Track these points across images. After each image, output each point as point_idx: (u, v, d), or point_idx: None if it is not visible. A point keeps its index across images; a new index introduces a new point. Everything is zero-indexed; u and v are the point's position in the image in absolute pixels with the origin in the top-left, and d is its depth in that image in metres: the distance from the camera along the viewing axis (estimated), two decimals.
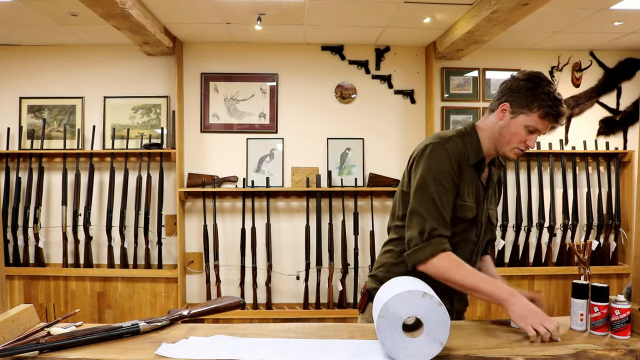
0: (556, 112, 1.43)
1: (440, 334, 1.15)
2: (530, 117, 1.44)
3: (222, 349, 1.23)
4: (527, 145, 1.48)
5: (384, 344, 1.17)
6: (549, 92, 1.43)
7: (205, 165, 3.86)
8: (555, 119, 1.45)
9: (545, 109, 1.42)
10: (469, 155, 1.50)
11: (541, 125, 1.45)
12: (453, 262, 1.41)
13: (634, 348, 1.24)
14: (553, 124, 1.47)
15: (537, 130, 1.46)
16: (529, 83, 1.46)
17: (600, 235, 3.90)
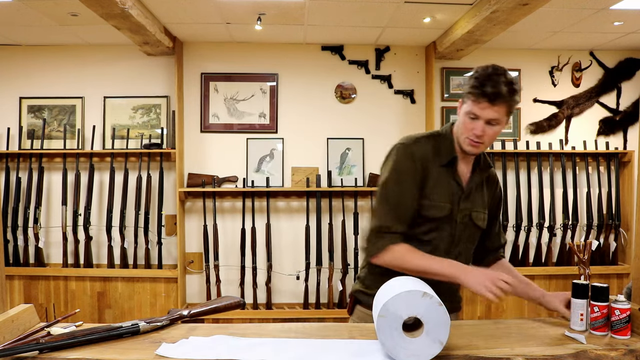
0: (481, 91, 1.39)
1: (441, 334, 1.15)
2: (467, 103, 1.45)
3: (222, 349, 1.23)
4: (474, 133, 1.44)
5: (384, 344, 1.17)
6: (478, 76, 1.42)
7: (205, 165, 3.86)
8: (481, 97, 1.40)
9: (471, 91, 1.42)
10: (442, 156, 1.52)
11: (476, 109, 1.42)
12: (402, 251, 1.47)
13: (634, 348, 1.24)
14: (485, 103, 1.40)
15: (476, 116, 1.43)
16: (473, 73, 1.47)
17: (600, 235, 3.90)
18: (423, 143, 1.53)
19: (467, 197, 1.55)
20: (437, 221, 1.52)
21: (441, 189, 1.51)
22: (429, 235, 1.54)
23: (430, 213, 1.51)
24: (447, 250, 1.55)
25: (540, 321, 1.48)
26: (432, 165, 1.51)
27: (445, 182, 1.52)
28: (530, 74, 3.97)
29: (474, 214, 1.57)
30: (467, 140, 1.47)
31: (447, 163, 1.52)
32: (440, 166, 1.52)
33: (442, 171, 1.52)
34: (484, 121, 1.43)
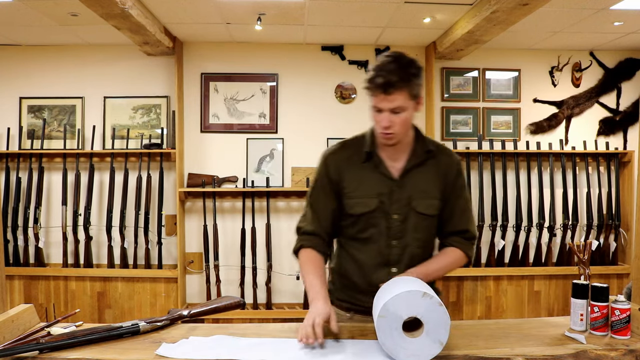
0: (374, 84, 1.39)
1: (440, 334, 1.15)
2: (369, 97, 1.45)
3: (222, 349, 1.23)
4: (381, 125, 1.44)
5: (383, 343, 1.17)
6: (372, 68, 1.42)
7: (205, 165, 3.86)
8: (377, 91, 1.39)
9: (366, 85, 1.42)
10: (361, 154, 1.56)
11: (376, 101, 1.42)
12: (302, 259, 1.56)
13: (634, 348, 1.24)
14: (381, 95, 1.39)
15: (379, 108, 1.43)
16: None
17: (600, 235, 3.90)
18: (339, 150, 1.59)
19: (402, 187, 1.52)
20: (367, 216, 1.52)
21: (365, 186, 1.53)
22: (366, 233, 1.54)
23: (355, 210, 1.53)
24: (387, 244, 1.52)
25: (540, 321, 1.49)
26: (351, 166, 1.55)
27: (370, 178, 1.53)
28: (530, 74, 3.97)
29: (415, 202, 1.52)
30: (380, 133, 1.47)
31: (366, 159, 1.54)
32: (363, 164, 1.55)
33: (366, 168, 1.54)
34: (388, 112, 1.42)
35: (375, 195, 1.51)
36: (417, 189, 1.53)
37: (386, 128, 1.43)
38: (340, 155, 1.58)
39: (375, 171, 1.54)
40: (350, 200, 1.53)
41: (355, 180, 1.54)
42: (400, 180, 1.52)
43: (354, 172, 1.54)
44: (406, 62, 1.41)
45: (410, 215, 1.52)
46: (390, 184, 1.52)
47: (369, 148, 1.54)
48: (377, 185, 1.52)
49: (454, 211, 1.59)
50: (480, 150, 3.83)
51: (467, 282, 3.82)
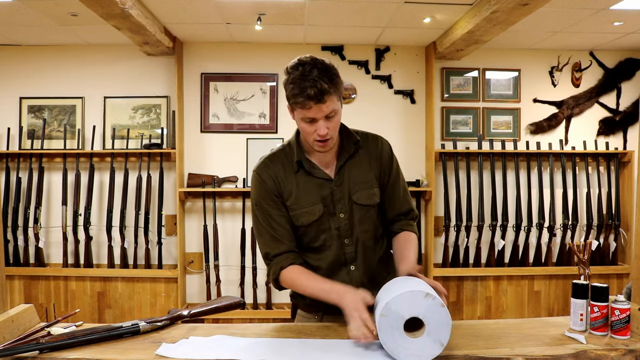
0: (305, 96, 1.32)
1: (442, 335, 1.15)
2: (297, 111, 1.39)
3: (222, 349, 1.23)
4: (319, 134, 1.39)
5: (384, 343, 1.17)
6: (292, 80, 1.35)
7: (205, 165, 3.86)
8: (306, 101, 1.33)
9: (295, 99, 1.35)
10: (292, 164, 1.51)
11: (309, 113, 1.36)
12: (292, 276, 1.47)
13: (634, 348, 1.24)
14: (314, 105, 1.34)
15: (312, 119, 1.37)
16: (285, 76, 1.40)
17: (600, 235, 3.90)
18: (269, 163, 1.53)
19: (340, 184, 1.50)
20: (316, 224, 1.49)
21: (305, 194, 1.49)
22: (318, 240, 1.52)
23: (302, 221, 1.49)
24: (340, 245, 1.51)
25: (540, 321, 1.48)
26: (286, 177, 1.50)
27: (308, 185, 1.50)
28: (530, 74, 3.97)
29: (355, 196, 1.51)
30: (315, 143, 1.43)
31: (298, 169, 1.51)
32: (295, 173, 1.50)
33: (300, 177, 1.50)
34: (322, 120, 1.38)
35: (319, 201, 1.49)
36: (354, 182, 1.52)
37: (324, 136, 1.39)
38: (273, 168, 1.52)
39: (310, 177, 1.50)
40: (295, 212, 1.49)
41: (294, 191, 1.49)
42: (337, 179, 1.51)
43: (291, 183, 1.50)
44: (325, 65, 1.36)
45: (354, 209, 1.51)
46: (329, 185, 1.50)
47: (298, 157, 1.51)
48: (317, 190, 1.49)
49: (395, 194, 1.59)
50: (480, 150, 3.83)
51: (467, 282, 3.82)
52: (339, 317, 1.44)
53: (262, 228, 1.52)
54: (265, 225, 1.51)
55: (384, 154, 1.59)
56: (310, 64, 1.35)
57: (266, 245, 1.52)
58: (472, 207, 3.81)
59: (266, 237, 1.51)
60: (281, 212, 1.50)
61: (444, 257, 3.80)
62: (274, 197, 1.50)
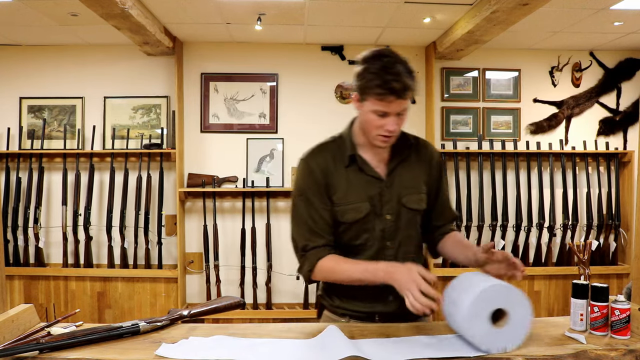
0: (388, 89, 1.31)
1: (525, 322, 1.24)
2: (370, 102, 1.36)
3: (222, 349, 1.23)
4: (387, 129, 1.38)
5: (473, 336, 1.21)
6: (376, 71, 1.32)
7: (205, 165, 3.86)
8: (390, 96, 1.32)
9: (375, 90, 1.32)
10: (344, 158, 1.48)
11: (385, 107, 1.34)
12: (329, 265, 1.43)
13: (634, 348, 1.24)
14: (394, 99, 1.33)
15: (385, 113, 1.36)
16: (361, 67, 1.38)
17: (600, 235, 3.90)
18: (319, 153, 1.51)
19: (391, 186, 1.48)
20: (361, 222, 1.46)
21: (353, 190, 1.46)
22: (360, 239, 1.49)
23: (347, 217, 1.46)
24: (382, 247, 1.49)
25: (540, 321, 1.48)
26: (336, 171, 1.47)
27: (358, 182, 1.47)
28: (530, 74, 3.97)
29: (405, 199, 1.49)
30: (378, 137, 1.41)
31: (349, 164, 1.48)
32: (345, 168, 1.47)
33: (351, 172, 1.47)
34: (394, 115, 1.37)
35: (366, 199, 1.46)
36: (404, 186, 1.50)
37: (392, 132, 1.38)
38: (323, 158, 1.49)
39: (361, 174, 1.48)
40: (340, 207, 1.46)
41: (343, 186, 1.46)
42: (387, 180, 1.49)
43: (340, 177, 1.47)
44: (407, 62, 1.36)
45: (402, 212, 1.49)
46: (380, 185, 1.48)
47: (351, 151, 1.48)
48: (366, 188, 1.47)
49: (445, 202, 1.61)
50: (480, 150, 3.83)
51: None
52: (365, 323, 1.47)
53: (301, 219, 1.48)
54: (306, 217, 1.47)
55: (434, 161, 1.58)
56: (392, 57, 1.34)
57: (303, 237, 1.48)
58: (472, 207, 3.81)
59: (304, 228, 1.48)
60: (325, 205, 1.46)
61: (444, 257, 3.80)
62: (320, 188, 1.46)
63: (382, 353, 1.20)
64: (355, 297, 1.51)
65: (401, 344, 1.28)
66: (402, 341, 1.30)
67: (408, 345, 1.26)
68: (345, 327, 1.41)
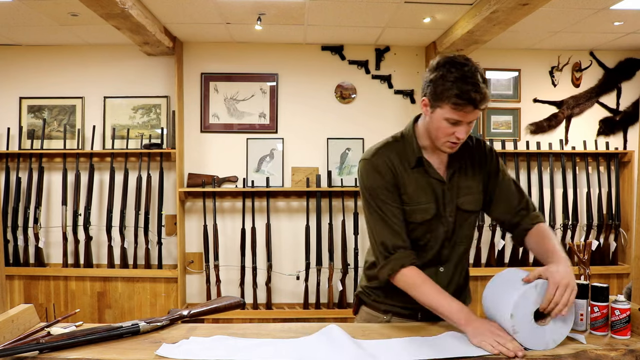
0: (467, 99, 1.30)
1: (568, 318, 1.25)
2: (444, 109, 1.35)
3: (222, 349, 1.23)
4: (457, 137, 1.38)
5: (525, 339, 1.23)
6: (455, 79, 1.31)
7: (205, 165, 3.86)
8: (468, 106, 1.31)
9: (453, 99, 1.31)
10: (409, 159, 1.49)
11: (459, 116, 1.34)
12: (411, 280, 1.42)
13: (634, 348, 1.24)
14: (471, 109, 1.32)
15: (458, 121, 1.35)
16: (437, 73, 1.36)
17: (600, 235, 3.90)
18: (384, 152, 1.50)
19: (451, 188, 1.50)
20: (427, 223, 1.48)
21: (421, 191, 1.47)
22: (424, 239, 1.51)
23: (416, 217, 1.47)
24: (442, 246, 1.51)
25: None
26: (402, 170, 1.47)
27: (423, 183, 1.48)
28: (530, 74, 3.97)
29: (461, 200, 1.51)
30: (446, 143, 1.41)
31: (416, 165, 1.48)
32: (411, 169, 1.48)
33: (415, 173, 1.48)
34: (466, 124, 1.37)
35: (433, 201, 1.48)
36: (461, 187, 1.51)
37: (461, 139, 1.39)
38: (388, 156, 1.48)
39: (426, 175, 1.48)
40: (410, 207, 1.46)
41: (411, 186, 1.47)
42: (449, 182, 1.50)
43: (407, 177, 1.47)
44: (483, 72, 1.35)
45: (458, 214, 1.51)
46: (442, 187, 1.49)
47: (418, 153, 1.48)
48: (431, 190, 1.48)
49: (510, 189, 1.56)
50: None
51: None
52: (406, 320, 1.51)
53: (378, 217, 1.46)
54: (383, 215, 1.45)
55: (488, 156, 1.57)
56: (472, 66, 1.33)
57: (384, 235, 1.45)
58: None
59: (382, 226, 1.45)
60: (397, 204, 1.46)
61: None
62: (390, 187, 1.46)
63: (385, 353, 1.20)
64: (400, 294, 1.49)
65: (404, 344, 1.28)
66: (405, 341, 1.30)
67: (411, 346, 1.26)
68: (346, 327, 1.41)
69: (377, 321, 1.58)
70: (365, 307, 1.64)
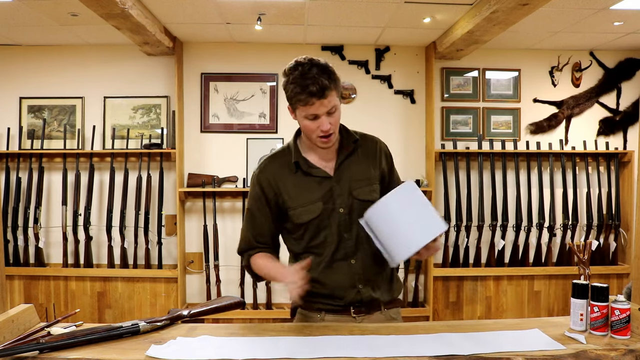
0: (307, 93, 1.39)
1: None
2: (299, 109, 1.46)
3: (210, 348, 1.23)
4: (322, 130, 1.46)
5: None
6: (293, 80, 1.42)
7: (205, 165, 3.86)
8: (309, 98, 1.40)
9: (298, 97, 1.42)
10: (290, 165, 1.57)
11: (311, 110, 1.43)
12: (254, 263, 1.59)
13: (634, 348, 1.24)
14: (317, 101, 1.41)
15: (315, 115, 1.44)
16: (285, 79, 1.47)
17: (600, 235, 3.90)
18: (269, 165, 1.60)
19: (340, 181, 1.55)
20: (317, 220, 1.53)
21: (306, 192, 1.54)
22: (319, 237, 1.55)
23: (303, 218, 1.53)
24: (340, 240, 1.54)
25: (540, 321, 1.48)
26: (285, 178, 1.56)
27: (308, 184, 1.55)
28: (530, 74, 3.97)
29: (356, 192, 1.56)
30: (319, 139, 1.49)
31: (296, 169, 1.56)
32: (294, 174, 1.56)
33: (299, 177, 1.56)
34: (325, 115, 1.44)
35: (319, 199, 1.53)
36: (354, 179, 1.57)
37: (327, 131, 1.46)
38: (270, 169, 1.59)
39: (309, 176, 1.55)
40: (295, 210, 1.54)
41: (293, 190, 1.55)
42: (336, 175, 1.56)
43: (290, 183, 1.56)
44: (322, 63, 1.44)
45: (354, 204, 1.55)
46: (329, 182, 1.55)
47: (295, 158, 1.56)
48: (316, 188, 1.54)
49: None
50: (480, 150, 3.83)
51: (467, 282, 3.82)
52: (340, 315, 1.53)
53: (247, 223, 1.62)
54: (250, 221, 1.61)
55: (383, 153, 1.66)
56: (308, 63, 1.42)
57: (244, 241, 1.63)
58: (472, 207, 3.81)
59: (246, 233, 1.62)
60: (265, 214, 1.58)
61: (444, 257, 3.80)
62: (267, 201, 1.57)
63: (377, 350, 1.20)
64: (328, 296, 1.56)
65: (400, 341, 1.28)
66: (400, 339, 1.30)
67: (406, 342, 1.26)
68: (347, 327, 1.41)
69: (312, 321, 1.60)
70: (300, 310, 1.67)
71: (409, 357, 1.18)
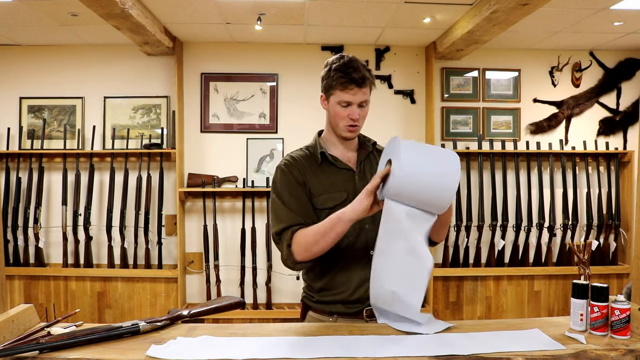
0: (349, 78, 1.53)
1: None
2: (335, 94, 1.58)
3: (210, 348, 1.23)
4: (351, 118, 1.57)
5: None
6: (336, 67, 1.57)
7: (205, 165, 3.86)
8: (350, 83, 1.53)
9: (339, 81, 1.55)
10: (315, 157, 1.65)
11: (347, 96, 1.55)
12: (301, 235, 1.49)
13: (634, 348, 1.24)
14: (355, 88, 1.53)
15: (348, 102, 1.56)
16: (325, 70, 1.64)
17: (600, 235, 3.90)
18: (295, 156, 1.66)
19: (362, 177, 1.62)
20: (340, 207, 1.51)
21: (330, 182, 1.60)
22: None
23: (328, 204, 1.58)
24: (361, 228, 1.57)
25: (540, 321, 1.48)
26: (311, 168, 1.62)
27: (333, 174, 1.62)
28: (530, 74, 3.97)
29: None
30: (345, 127, 1.59)
31: (321, 160, 1.63)
32: (319, 166, 1.62)
33: (325, 167, 1.63)
34: (356, 105, 1.56)
35: (343, 189, 1.59)
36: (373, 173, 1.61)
37: (355, 120, 1.57)
38: (297, 160, 1.64)
39: (334, 168, 1.63)
40: (320, 197, 1.59)
41: (319, 180, 1.60)
42: (358, 170, 1.64)
43: (316, 174, 1.61)
44: (364, 63, 1.58)
45: None
46: (352, 175, 1.63)
47: (321, 149, 1.65)
48: (341, 180, 1.61)
49: None
50: (480, 150, 3.83)
51: (467, 282, 3.82)
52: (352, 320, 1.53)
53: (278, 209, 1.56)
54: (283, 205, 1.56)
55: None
56: (352, 57, 1.58)
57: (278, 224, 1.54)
58: (472, 207, 3.81)
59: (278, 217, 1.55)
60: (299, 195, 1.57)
61: (444, 257, 3.80)
62: (298, 185, 1.58)
63: (377, 350, 1.20)
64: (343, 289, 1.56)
65: (397, 341, 1.28)
66: (400, 339, 1.30)
67: (406, 342, 1.26)
68: (346, 327, 1.41)
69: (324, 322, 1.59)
70: (311, 312, 1.65)
71: (409, 357, 1.18)
